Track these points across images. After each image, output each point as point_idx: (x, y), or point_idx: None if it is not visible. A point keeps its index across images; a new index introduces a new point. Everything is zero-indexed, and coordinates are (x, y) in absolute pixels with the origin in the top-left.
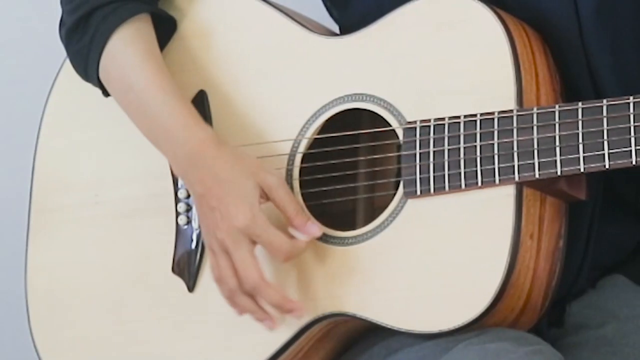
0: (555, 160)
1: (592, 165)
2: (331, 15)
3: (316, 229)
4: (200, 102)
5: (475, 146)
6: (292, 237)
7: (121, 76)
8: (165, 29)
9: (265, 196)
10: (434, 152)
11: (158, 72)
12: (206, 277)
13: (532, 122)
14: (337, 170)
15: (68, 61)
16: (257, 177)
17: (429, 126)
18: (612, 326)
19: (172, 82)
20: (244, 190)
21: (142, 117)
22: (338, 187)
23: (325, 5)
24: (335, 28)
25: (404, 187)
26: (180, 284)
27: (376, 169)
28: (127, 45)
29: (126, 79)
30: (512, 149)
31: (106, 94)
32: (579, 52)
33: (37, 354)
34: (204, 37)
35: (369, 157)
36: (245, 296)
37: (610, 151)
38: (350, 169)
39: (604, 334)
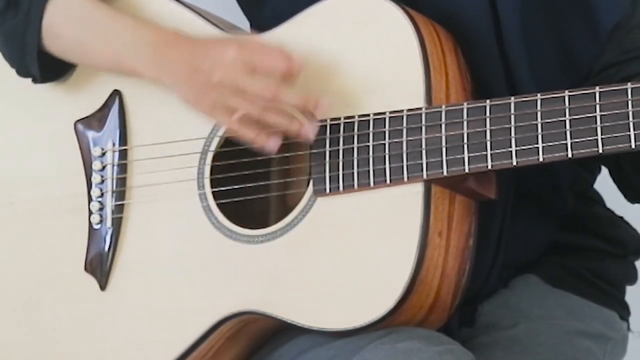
0: (463, 158)
1: (500, 163)
2: (245, 14)
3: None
4: (114, 101)
5: (384, 144)
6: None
7: (69, 19)
8: None
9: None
10: (343, 150)
11: (104, 4)
12: (119, 276)
13: (441, 119)
14: (249, 169)
15: None
16: (231, 37)
17: (339, 124)
18: (523, 326)
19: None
20: (224, 41)
21: (103, 44)
22: (250, 185)
23: (240, 5)
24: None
25: (314, 185)
26: (93, 283)
27: (288, 167)
28: None
29: (75, 19)
30: (421, 146)
31: (39, 79)
32: (494, 51)
33: None
34: None
35: (280, 156)
36: (270, 114)
37: (518, 148)
38: (263, 167)
39: (516, 334)
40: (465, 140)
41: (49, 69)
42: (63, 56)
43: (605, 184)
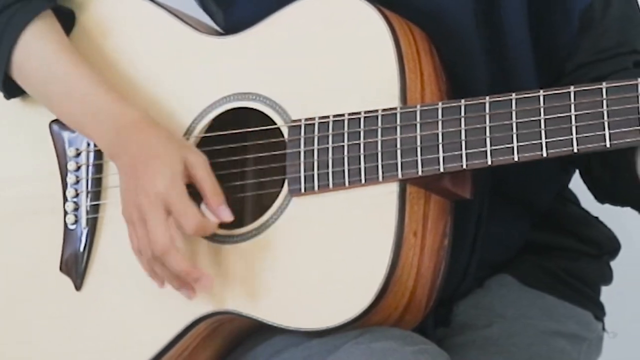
0: (438, 158)
1: (475, 162)
2: (215, 21)
3: (228, 213)
4: None
5: (359, 144)
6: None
7: (39, 66)
8: (64, 26)
9: (187, 173)
10: (318, 150)
11: (77, 59)
12: (94, 276)
13: (416, 119)
14: (224, 169)
15: None
16: (183, 153)
17: (314, 124)
18: (498, 326)
19: (91, 67)
20: (169, 161)
21: (68, 103)
22: (225, 185)
23: (210, 11)
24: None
25: (289, 185)
26: (68, 283)
27: (263, 167)
28: (41, 38)
29: (46, 68)
30: (395, 146)
31: (9, 95)
32: (476, 50)
33: None
34: (96, 38)
35: (255, 156)
36: (155, 263)
37: (492, 148)
38: (238, 167)
39: (491, 334)
40: (440, 140)
41: (15, 92)
42: (30, 94)
43: (580, 184)
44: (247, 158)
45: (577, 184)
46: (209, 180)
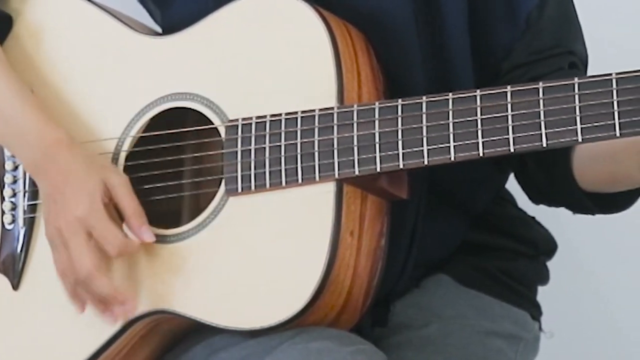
0: (375, 157)
1: (411, 162)
2: (154, 18)
3: (149, 234)
4: None
5: (296, 143)
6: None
7: None
8: (2, 27)
9: (109, 194)
10: (255, 149)
11: (4, 71)
12: (31, 276)
13: (353, 119)
14: (161, 169)
15: None
16: (103, 175)
17: (251, 124)
18: (435, 326)
19: (18, 81)
20: (88, 185)
21: None
22: (162, 185)
23: (148, 9)
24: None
25: (226, 184)
26: (5, 283)
27: (201, 167)
28: None
29: None
30: (332, 146)
31: None
32: (415, 50)
33: None
34: (33, 37)
35: (193, 155)
36: (80, 286)
37: (429, 147)
38: (175, 167)
39: (428, 334)
40: (377, 140)
41: None
42: None
43: (516, 184)
44: (185, 158)
45: (513, 184)
46: (130, 200)
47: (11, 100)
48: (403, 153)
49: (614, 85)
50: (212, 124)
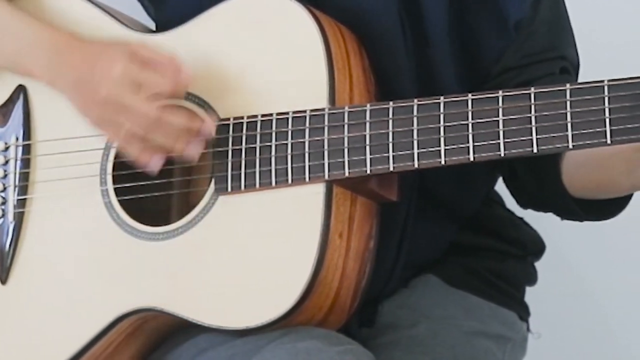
0: (365, 159)
1: (401, 165)
2: (148, 13)
3: (189, 74)
4: (19, 96)
5: (287, 144)
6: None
7: None
8: None
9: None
10: (245, 149)
11: (9, 2)
12: (20, 270)
13: (344, 120)
14: None
15: None
16: (122, 46)
17: (242, 123)
18: (423, 326)
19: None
20: (114, 52)
21: (3, 43)
22: (152, 182)
23: (142, 4)
24: (152, 25)
25: (215, 183)
26: None
27: (190, 165)
28: None
29: None
30: (323, 147)
31: None
32: (402, 52)
33: None
34: None
35: None
36: (155, 134)
37: (420, 151)
38: (166, 165)
39: (416, 334)
40: (368, 142)
41: None
42: None
43: (505, 185)
44: (175, 157)
45: (501, 186)
46: (158, 53)
47: (15, 18)
48: (393, 155)
49: (606, 92)
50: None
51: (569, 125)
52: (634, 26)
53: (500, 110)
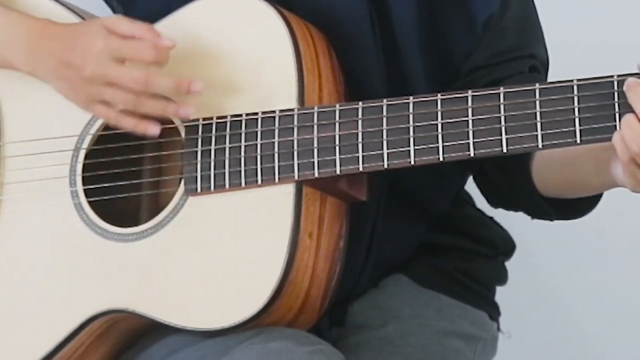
0: (335, 159)
1: (371, 165)
2: (114, 13)
3: (169, 40)
4: None
5: (256, 144)
6: None
7: None
8: None
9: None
10: (215, 149)
11: None
12: None
13: (313, 120)
14: (121, 167)
15: None
16: (98, 21)
17: (211, 124)
18: (393, 326)
19: None
20: (91, 29)
21: None
22: (121, 183)
23: (111, 5)
24: None
25: (185, 184)
26: None
27: (160, 166)
28: None
29: None
30: (292, 147)
31: None
32: (372, 51)
33: None
34: None
35: (153, 155)
36: (146, 100)
37: (389, 151)
38: (135, 166)
39: (386, 334)
40: (337, 142)
41: None
42: None
43: (474, 185)
44: (145, 157)
45: (471, 185)
46: (134, 24)
47: None
48: (363, 156)
49: (575, 92)
50: (173, 123)
51: (539, 125)
52: (603, 25)
53: (470, 110)
